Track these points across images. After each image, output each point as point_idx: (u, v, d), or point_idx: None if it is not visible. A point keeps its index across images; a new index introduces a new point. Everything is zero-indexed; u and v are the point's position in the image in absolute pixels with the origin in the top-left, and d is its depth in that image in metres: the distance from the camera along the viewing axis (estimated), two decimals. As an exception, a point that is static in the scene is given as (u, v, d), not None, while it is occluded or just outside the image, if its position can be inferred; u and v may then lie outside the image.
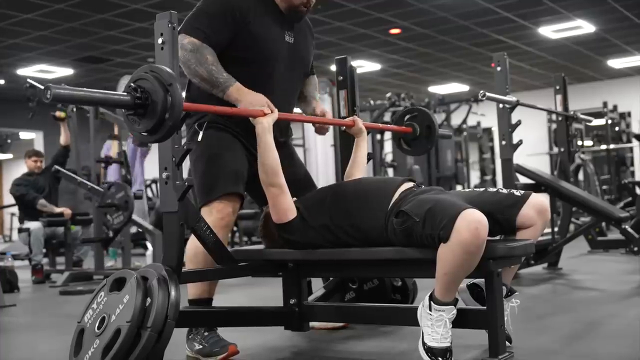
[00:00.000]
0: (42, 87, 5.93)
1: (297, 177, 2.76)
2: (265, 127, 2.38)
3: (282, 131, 2.77)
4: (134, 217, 5.95)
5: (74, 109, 6.37)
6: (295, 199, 2.51)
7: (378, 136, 10.11)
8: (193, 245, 2.51)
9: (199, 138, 2.53)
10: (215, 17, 2.53)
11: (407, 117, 3.16)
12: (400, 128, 3.15)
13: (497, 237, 2.41)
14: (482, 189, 2.45)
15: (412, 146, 3.19)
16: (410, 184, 2.42)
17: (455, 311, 2.16)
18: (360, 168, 2.80)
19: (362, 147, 2.84)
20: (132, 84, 2.04)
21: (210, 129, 2.58)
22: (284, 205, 2.40)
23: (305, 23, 2.84)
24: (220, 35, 2.53)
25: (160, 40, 2.20)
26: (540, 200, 2.33)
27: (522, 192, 2.35)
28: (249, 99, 2.47)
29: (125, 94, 2.02)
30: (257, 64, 2.60)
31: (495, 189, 2.42)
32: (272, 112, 2.42)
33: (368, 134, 3.05)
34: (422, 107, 3.15)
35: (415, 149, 3.19)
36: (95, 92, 2.01)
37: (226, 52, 2.54)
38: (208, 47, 2.49)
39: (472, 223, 2.02)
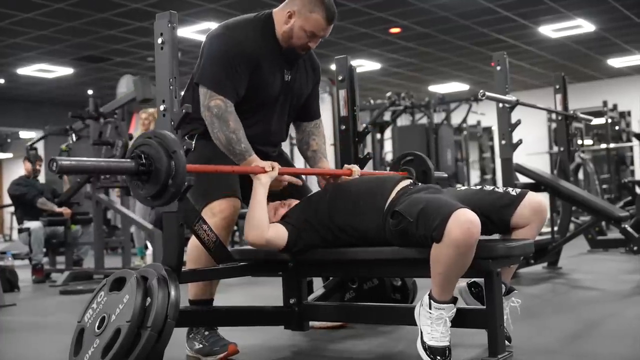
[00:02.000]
0: (42, 139, 5.85)
1: (296, 190, 2.76)
2: (262, 183, 2.40)
3: (275, 147, 2.80)
4: (134, 216, 5.95)
5: (73, 140, 6.34)
6: (297, 202, 2.53)
7: (378, 135, 10.13)
8: (195, 245, 2.50)
9: (192, 147, 2.53)
10: (234, 67, 2.49)
11: (403, 161, 3.16)
12: (396, 173, 3.14)
13: (495, 236, 2.41)
14: (478, 187, 2.45)
15: None
16: (407, 182, 2.42)
17: (454, 310, 2.16)
18: None
19: None
20: (135, 150, 2.05)
21: (202, 139, 2.58)
22: (275, 244, 2.41)
23: (309, 62, 2.78)
24: (242, 83, 2.52)
25: (160, 40, 2.20)
26: (536, 200, 2.31)
27: (519, 191, 2.34)
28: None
29: (128, 161, 2.04)
30: (257, 103, 2.60)
31: (491, 188, 2.41)
32: (272, 169, 2.43)
33: (368, 133, 3.06)
34: (419, 153, 3.15)
35: None
36: (99, 161, 2.07)
37: None
38: (233, 111, 2.47)
39: (464, 223, 2.02)
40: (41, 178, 7.17)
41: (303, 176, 2.92)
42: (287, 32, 2.57)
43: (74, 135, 6.31)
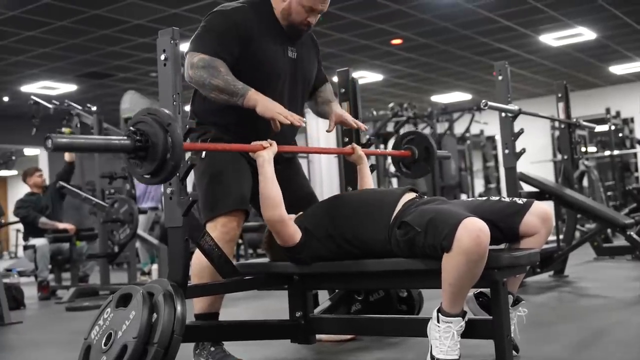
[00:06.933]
0: (46, 104, 5.93)
1: (300, 195, 2.76)
2: (265, 159, 2.39)
3: (287, 143, 2.78)
4: (140, 232, 5.96)
5: (78, 125, 6.39)
6: (301, 212, 2.51)
7: (382, 146, 10.13)
8: (199, 260, 2.50)
9: (203, 154, 2.54)
10: (222, 35, 2.53)
11: (405, 140, 3.17)
12: (399, 152, 3.16)
13: (502, 246, 2.41)
14: (484, 198, 2.46)
15: (411, 169, 3.18)
16: (412, 195, 2.42)
17: (463, 324, 2.15)
18: None
19: (366, 174, 2.86)
20: (131, 128, 2.05)
21: None
22: (288, 233, 2.40)
23: (308, 36, 2.83)
24: (228, 52, 2.53)
25: (162, 57, 2.22)
26: (543, 208, 2.33)
27: (525, 200, 2.36)
28: (266, 103, 2.46)
29: (125, 138, 2.03)
30: (260, 82, 2.55)
31: (497, 198, 2.43)
32: (270, 145, 2.43)
33: (370, 145, 3.07)
34: (419, 131, 3.17)
35: (415, 172, 3.19)
36: (96, 138, 2.07)
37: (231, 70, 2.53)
38: (218, 59, 2.49)
39: (473, 232, 2.02)
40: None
41: (307, 192, 2.90)
42: (286, 9, 2.61)
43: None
